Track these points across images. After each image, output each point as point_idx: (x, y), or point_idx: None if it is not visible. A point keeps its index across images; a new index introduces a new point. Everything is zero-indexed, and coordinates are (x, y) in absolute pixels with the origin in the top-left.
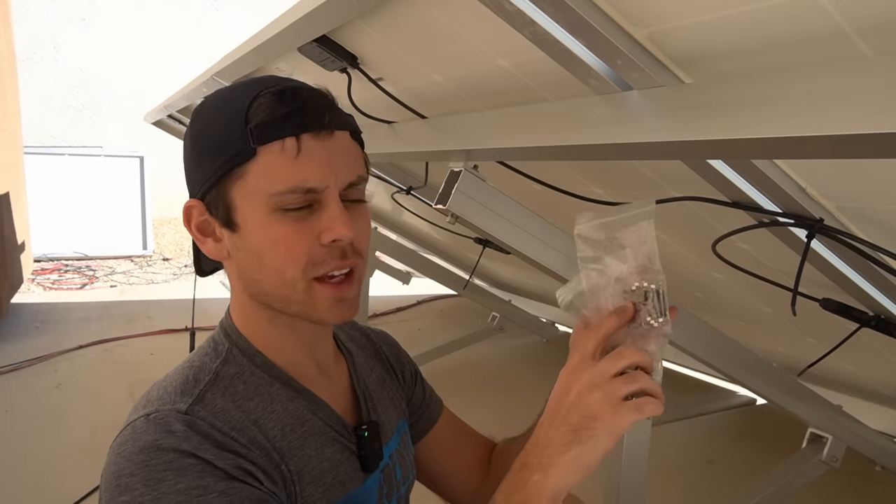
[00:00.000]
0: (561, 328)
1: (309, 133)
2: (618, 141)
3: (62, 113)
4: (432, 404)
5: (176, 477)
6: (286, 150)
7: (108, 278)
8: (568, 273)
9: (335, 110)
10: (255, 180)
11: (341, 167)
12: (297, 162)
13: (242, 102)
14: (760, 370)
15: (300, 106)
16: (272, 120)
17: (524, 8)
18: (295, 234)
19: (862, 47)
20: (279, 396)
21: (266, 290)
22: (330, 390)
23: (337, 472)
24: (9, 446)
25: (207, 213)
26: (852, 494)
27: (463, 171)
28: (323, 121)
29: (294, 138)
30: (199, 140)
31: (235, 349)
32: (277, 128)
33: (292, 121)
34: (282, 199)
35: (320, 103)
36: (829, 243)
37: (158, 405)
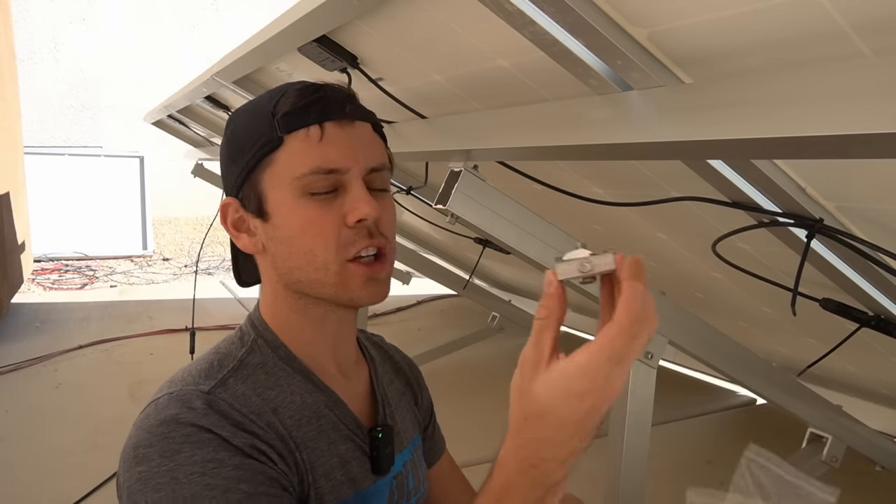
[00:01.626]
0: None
1: (331, 121)
2: (618, 141)
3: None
4: (437, 442)
5: (192, 449)
6: (310, 136)
7: (108, 278)
8: None
9: (356, 102)
10: (282, 167)
11: (363, 152)
12: (321, 146)
13: (270, 100)
14: (760, 370)
15: (322, 96)
16: (296, 109)
17: (524, 8)
18: (322, 217)
19: (861, 47)
20: (298, 389)
21: (299, 277)
22: (349, 391)
23: (347, 470)
24: (9, 446)
25: (242, 208)
26: (852, 494)
27: (463, 171)
28: (344, 109)
29: (318, 126)
30: (231, 140)
31: (261, 340)
32: (302, 116)
33: (315, 109)
34: (307, 182)
35: (341, 94)
36: (829, 243)
37: (182, 385)
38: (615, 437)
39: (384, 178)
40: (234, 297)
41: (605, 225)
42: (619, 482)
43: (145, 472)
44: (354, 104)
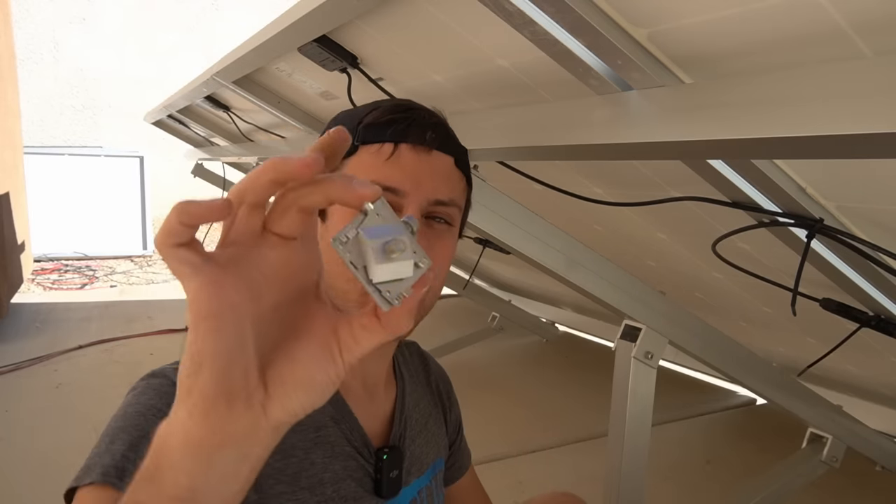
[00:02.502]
0: (561, 328)
1: (407, 143)
2: (618, 141)
3: (62, 113)
4: (463, 457)
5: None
6: (382, 152)
7: (108, 278)
8: (567, 273)
9: (441, 132)
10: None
11: (429, 182)
12: (388, 164)
13: (365, 110)
14: (760, 370)
15: (406, 118)
16: (378, 124)
17: (524, 8)
18: None
19: (861, 47)
20: None
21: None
22: (370, 408)
23: (339, 487)
24: (9, 446)
25: None
26: (852, 494)
27: None
28: (423, 137)
29: (392, 144)
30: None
31: None
32: (379, 132)
33: (395, 128)
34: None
35: (427, 121)
36: (829, 243)
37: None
38: (615, 437)
39: (450, 213)
40: None
41: (606, 225)
42: (619, 482)
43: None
44: (438, 134)
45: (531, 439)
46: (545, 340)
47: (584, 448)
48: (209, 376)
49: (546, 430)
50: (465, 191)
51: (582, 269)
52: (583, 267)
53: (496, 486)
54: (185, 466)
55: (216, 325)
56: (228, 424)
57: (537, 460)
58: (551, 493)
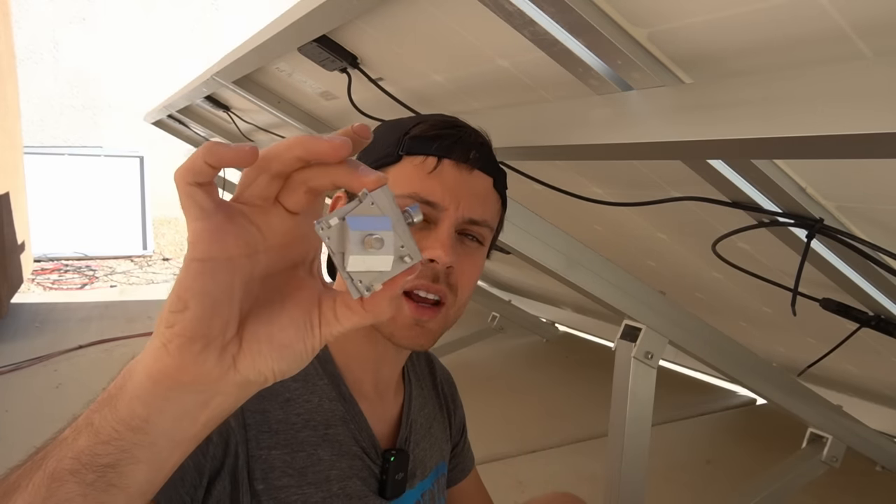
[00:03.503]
0: (561, 328)
1: (450, 160)
2: (618, 141)
3: (62, 113)
4: (466, 459)
5: None
6: (425, 165)
7: (108, 278)
8: (567, 273)
9: (484, 153)
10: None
11: (467, 199)
12: (429, 177)
13: (412, 122)
14: (760, 370)
15: (452, 134)
16: (424, 137)
17: (524, 8)
18: None
19: (861, 47)
20: (320, 391)
21: None
22: (378, 410)
23: (345, 485)
24: (9, 446)
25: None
26: (852, 494)
27: None
28: (467, 155)
29: (435, 158)
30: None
31: None
32: (425, 145)
33: (440, 143)
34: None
35: (472, 141)
36: (829, 243)
37: None
38: (615, 437)
39: (482, 233)
40: None
41: (606, 225)
42: (619, 482)
43: None
44: (481, 154)
45: (531, 439)
46: (545, 340)
47: (584, 448)
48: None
49: (546, 430)
50: (500, 212)
51: (582, 269)
52: (583, 267)
53: (497, 485)
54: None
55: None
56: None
57: (537, 460)
58: (551, 493)
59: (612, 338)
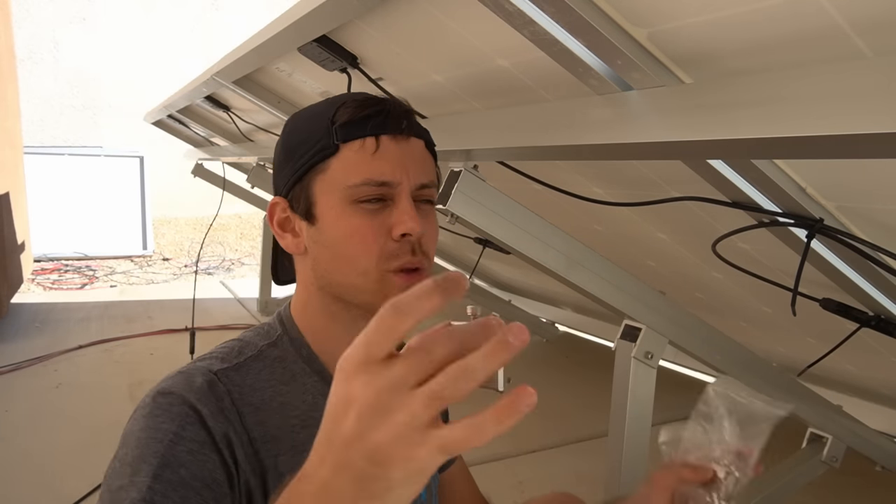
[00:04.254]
0: (561, 328)
1: (387, 135)
2: (618, 141)
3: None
4: None
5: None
6: (365, 147)
7: (108, 278)
8: (567, 273)
9: (413, 119)
10: (334, 174)
11: (414, 168)
12: (374, 158)
13: (330, 108)
14: (760, 370)
15: (381, 109)
16: (355, 120)
17: (524, 8)
18: (368, 226)
19: (861, 47)
20: (312, 389)
21: (339, 280)
22: None
23: None
24: (9, 446)
25: (290, 209)
26: (852, 494)
27: (463, 171)
28: (401, 125)
29: (373, 138)
30: (288, 143)
31: (286, 337)
32: (359, 127)
33: (373, 122)
34: (357, 191)
35: (400, 110)
36: (829, 243)
37: (197, 363)
38: (615, 437)
39: (432, 194)
40: (234, 297)
41: (605, 225)
42: (619, 482)
43: (127, 430)
44: (411, 120)
45: (531, 439)
46: (545, 340)
47: (584, 448)
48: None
49: (546, 430)
50: (435, 168)
51: (582, 269)
52: (583, 267)
53: (496, 486)
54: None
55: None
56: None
57: (537, 460)
58: (551, 493)
59: (612, 338)
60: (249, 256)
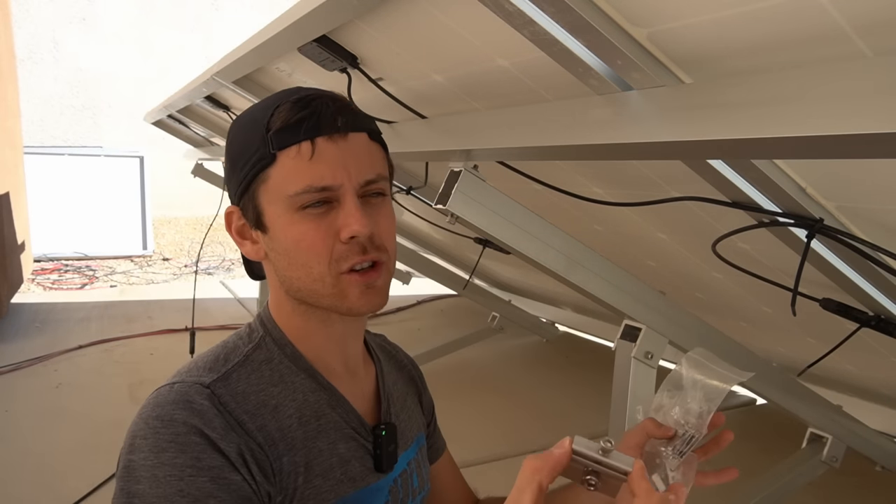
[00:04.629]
0: (561, 328)
1: (323, 136)
2: (618, 141)
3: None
4: (438, 440)
5: (177, 451)
6: (301, 153)
7: (108, 278)
8: (567, 273)
9: (349, 114)
10: (275, 183)
11: (355, 166)
12: (312, 163)
13: (265, 114)
14: (760, 370)
15: (313, 112)
16: (288, 126)
17: (524, 8)
18: (315, 232)
19: (861, 47)
20: (301, 387)
21: (298, 286)
22: (354, 389)
23: (347, 469)
24: (9, 446)
25: (244, 217)
26: (852, 494)
27: (463, 171)
28: (336, 125)
29: (309, 142)
30: (230, 151)
31: (269, 337)
32: (293, 133)
33: (306, 125)
34: (299, 199)
35: (333, 107)
36: (829, 243)
37: (185, 376)
38: (615, 437)
39: (381, 186)
40: (234, 297)
41: (605, 225)
42: None
43: (134, 461)
44: (347, 116)
45: (531, 439)
46: (545, 340)
47: None
48: None
49: (546, 430)
50: (385, 158)
51: (582, 269)
52: (583, 267)
53: (496, 486)
54: None
55: None
56: None
57: None
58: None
59: (612, 338)
60: None
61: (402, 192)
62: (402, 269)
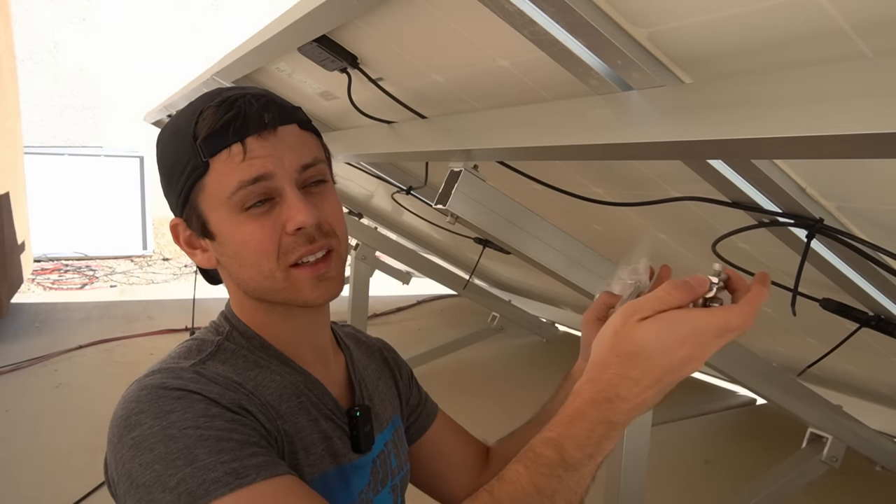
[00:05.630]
0: (561, 328)
1: (252, 136)
2: (618, 141)
3: (62, 113)
4: (428, 405)
5: (184, 407)
6: (233, 155)
7: (108, 278)
8: (568, 273)
9: (274, 108)
10: (212, 190)
11: (289, 156)
12: (245, 163)
13: (189, 122)
14: (760, 370)
15: (237, 112)
16: (214, 132)
17: (524, 8)
18: (261, 230)
19: (861, 47)
20: (278, 370)
21: (253, 287)
22: (327, 376)
23: (329, 445)
24: (9, 446)
25: (189, 228)
26: (852, 494)
27: (463, 171)
28: (262, 122)
29: (239, 143)
30: (164, 165)
31: (235, 332)
32: (221, 137)
33: (233, 127)
34: (237, 198)
35: (257, 105)
36: (829, 243)
37: (163, 365)
38: None
39: (321, 170)
40: None
41: (605, 225)
42: (619, 482)
43: (138, 436)
44: (272, 111)
45: None
46: (545, 340)
47: None
48: None
49: None
50: (320, 143)
51: (582, 269)
52: (583, 267)
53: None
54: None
55: None
56: None
57: None
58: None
59: None
60: None
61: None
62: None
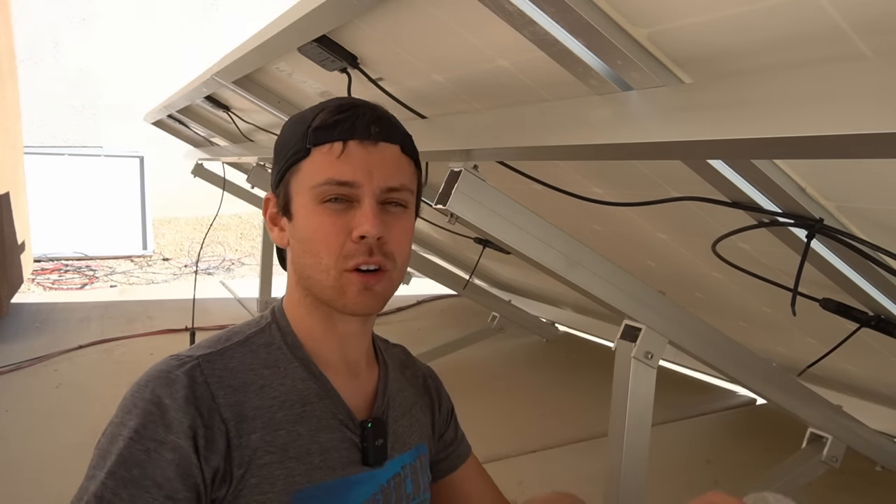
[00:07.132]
0: (561, 328)
1: (355, 140)
2: (618, 141)
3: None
4: (462, 446)
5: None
6: (332, 150)
7: (108, 278)
8: (567, 273)
9: (385, 124)
10: (304, 175)
11: (380, 172)
12: (339, 161)
13: (311, 113)
14: (760, 370)
15: (351, 115)
16: (326, 125)
17: (524, 8)
18: (331, 226)
19: (861, 47)
20: (293, 374)
21: (308, 274)
22: (353, 385)
23: (326, 457)
24: (9, 446)
25: (277, 205)
26: (852, 494)
27: (463, 171)
28: (368, 131)
29: (341, 143)
30: (277, 144)
31: (275, 325)
32: (328, 132)
33: (342, 127)
34: (320, 191)
35: (371, 116)
36: (829, 243)
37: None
38: (615, 437)
39: (403, 197)
40: (234, 297)
41: (605, 225)
42: (619, 482)
43: (112, 418)
44: (381, 126)
45: (531, 439)
46: (545, 340)
47: (584, 448)
48: None
49: (546, 430)
50: (415, 174)
51: (582, 269)
52: (583, 267)
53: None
54: None
55: None
56: None
57: (537, 460)
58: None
59: (612, 338)
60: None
61: None
62: None
